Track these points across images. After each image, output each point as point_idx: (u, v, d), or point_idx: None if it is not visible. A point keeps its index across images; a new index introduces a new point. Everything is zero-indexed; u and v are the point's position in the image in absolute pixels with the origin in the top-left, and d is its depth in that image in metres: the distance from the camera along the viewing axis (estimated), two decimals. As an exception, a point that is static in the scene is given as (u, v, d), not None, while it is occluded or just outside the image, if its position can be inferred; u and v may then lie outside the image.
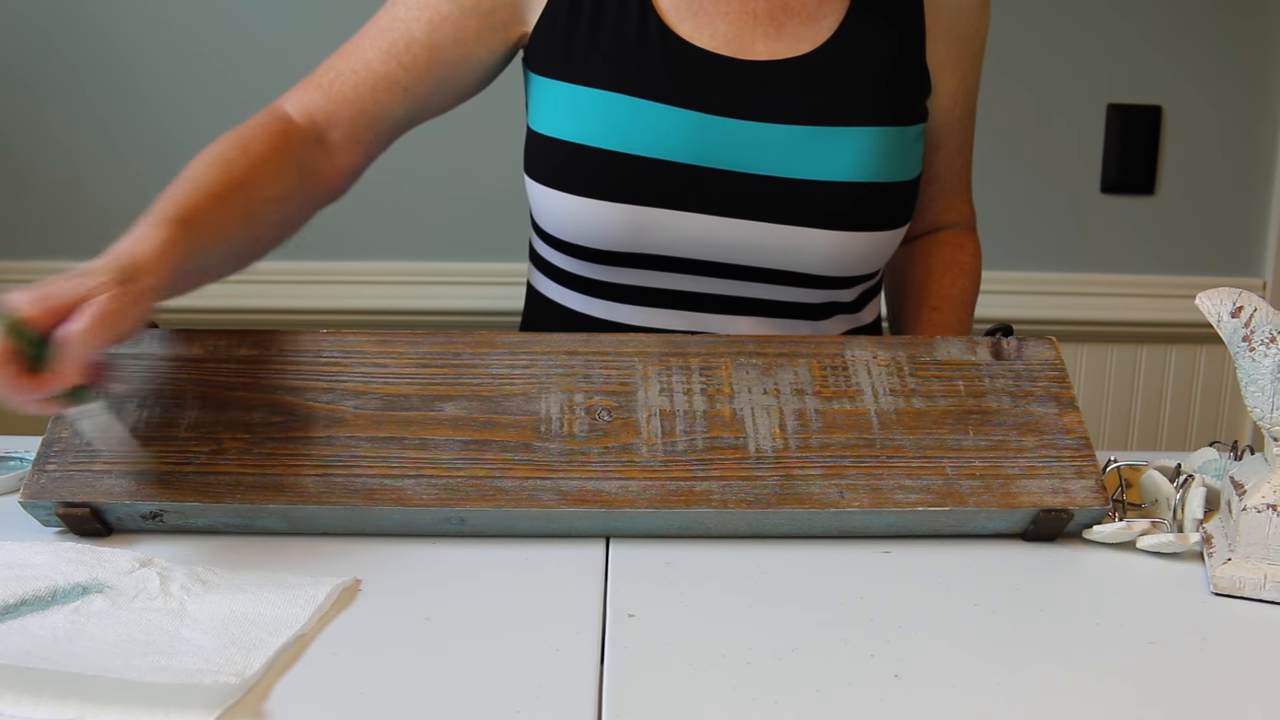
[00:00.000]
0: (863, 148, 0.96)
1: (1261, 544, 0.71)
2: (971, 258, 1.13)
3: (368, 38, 0.98)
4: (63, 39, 1.67)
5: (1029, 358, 0.84)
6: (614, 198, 0.94)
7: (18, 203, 1.70)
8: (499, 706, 0.56)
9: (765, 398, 0.80)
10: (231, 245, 0.85)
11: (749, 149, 0.95)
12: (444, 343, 0.82)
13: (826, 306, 1.02)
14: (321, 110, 0.96)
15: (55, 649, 0.59)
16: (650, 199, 0.94)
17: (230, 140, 0.89)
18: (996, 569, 0.74)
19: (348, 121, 0.96)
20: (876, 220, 0.97)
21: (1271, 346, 0.71)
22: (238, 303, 1.71)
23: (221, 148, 0.88)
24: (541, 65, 0.98)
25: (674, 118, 0.94)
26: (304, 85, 0.97)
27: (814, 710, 0.57)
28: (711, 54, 0.96)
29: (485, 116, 1.04)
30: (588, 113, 0.95)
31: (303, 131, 0.94)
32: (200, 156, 0.86)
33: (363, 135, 0.98)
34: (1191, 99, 1.76)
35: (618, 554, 0.75)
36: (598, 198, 0.94)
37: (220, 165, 0.85)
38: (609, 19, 0.96)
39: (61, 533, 0.76)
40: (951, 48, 1.03)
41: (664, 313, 1.00)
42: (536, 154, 0.98)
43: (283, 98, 0.97)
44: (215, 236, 0.82)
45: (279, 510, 0.74)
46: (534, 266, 1.08)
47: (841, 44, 0.97)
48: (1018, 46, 1.73)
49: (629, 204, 0.94)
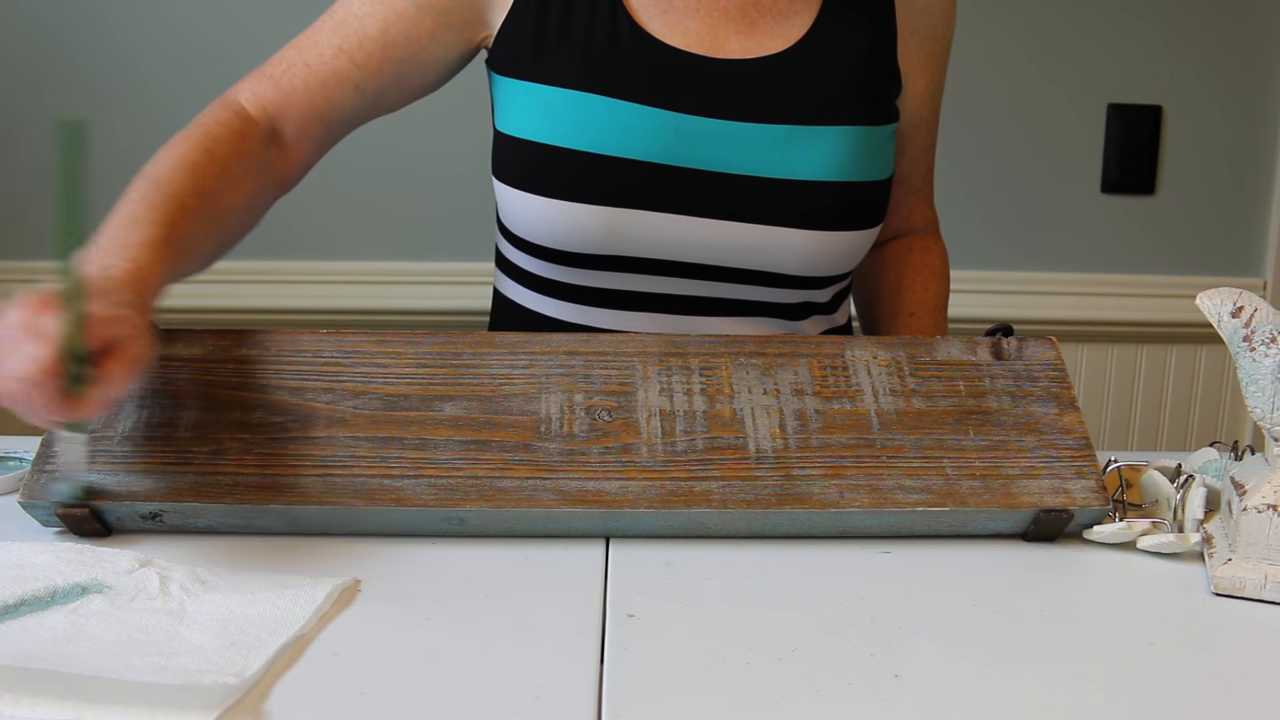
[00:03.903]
0: (837, 147, 0.95)
1: (1262, 544, 0.71)
2: (941, 261, 1.13)
3: (322, 31, 0.96)
4: (66, 37, 1.67)
5: (1029, 358, 0.84)
6: (586, 199, 0.93)
7: (18, 203, 1.70)
8: (499, 706, 0.56)
9: (765, 398, 0.80)
10: (198, 258, 0.85)
11: (722, 148, 0.94)
12: (444, 343, 0.82)
13: (802, 306, 1.02)
14: (273, 103, 0.95)
15: (54, 649, 0.59)
16: (622, 199, 0.93)
17: (195, 141, 0.87)
18: (996, 569, 0.74)
19: (298, 116, 0.95)
20: (851, 219, 0.97)
21: (1272, 346, 0.71)
22: (238, 303, 1.71)
23: (187, 149, 0.86)
24: (508, 67, 0.96)
25: (646, 117, 0.93)
26: (256, 75, 0.96)
27: (814, 710, 0.57)
28: (683, 52, 0.95)
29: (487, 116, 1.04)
30: (558, 113, 0.94)
31: (260, 129, 0.93)
32: (167, 155, 0.85)
33: (313, 130, 0.96)
34: (1191, 99, 1.76)
35: (618, 554, 0.75)
36: (569, 199, 0.93)
37: (189, 170, 0.84)
38: (578, 18, 0.95)
39: (61, 533, 0.76)
40: (920, 49, 1.03)
41: (637, 315, 0.99)
42: (505, 156, 0.97)
43: (236, 87, 0.96)
44: (189, 253, 0.82)
45: (279, 510, 0.74)
46: (501, 271, 1.07)
47: (814, 43, 0.97)
48: (1018, 46, 1.73)
49: (601, 205, 0.93)
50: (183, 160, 0.85)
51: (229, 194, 0.87)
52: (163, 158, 0.85)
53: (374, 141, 1.63)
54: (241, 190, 0.89)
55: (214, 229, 0.85)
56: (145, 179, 0.82)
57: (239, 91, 0.95)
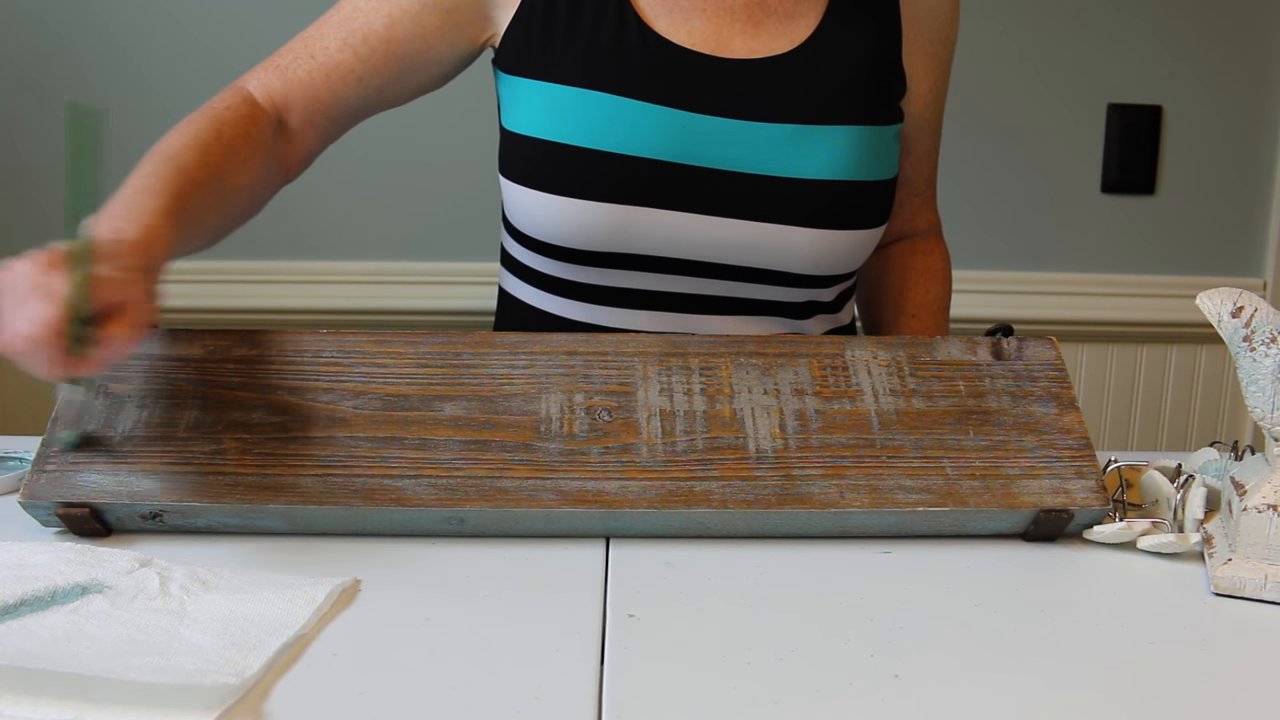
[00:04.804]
0: (842, 146, 0.96)
1: (1262, 544, 0.71)
2: (943, 263, 1.14)
3: (329, 24, 0.98)
4: (66, 36, 1.67)
5: (1029, 358, 0.84)
6: (592, 196, 0.94)
7: (19, 202, 1.70)
8: (499, 706, 0.56)
9: (765, 398, 0.80)
10: (205, 234, 0.87)
11: (728, 147, 0.95)
12: (444, 343, 0.82)
13: (807, 306, 1.02)
14: (279, 93, 0.97)
15: (55, 649, 0.59)
16: (628, 197, 0.94)
17: (205, 123, 0.89)
18: (996, 569, 0.74)
19: (303, 107, 0.97)
20: (856, 218, 0.98)
21: (1272, 346, 0.71)
22: (238, 303, 1.71)
23: (197, 129, 0.88)
24: (515, 66, 0.97)
25: (652, 115, 0.94)
26: (264, 66, 0.98)
27: (814, 710, 0.57)
28: (690, 51, 0.95)
29: (488, 116, 1.04)
30: (565, 111, 0.94)
31: (267, 116, 0.95)
32: (178, 135, 0.87)
33: (318, 121, 0.98)
34: (1191, 99, 1.76)
35: (618, 554, 0.75)
36: (575, 196, 0.94)
37: (199, 149, 0.86)
38: (586, 17, 0.96)
39: (61, 533, 0.76)
40: (924, 51, 1.04)
41: (642, 314, 0.99)
42: (512, 154, 0.98)
43: (245, 77, 0.98)
44: (197, 227, 0.83)
45: (279, 510, 0.74)
46: (506, 269, 1.08)
47: (820, 43, 0.97)
48: (1018, 46, 1.73)
49: (607, 202, 0.94)
50: (192, 139, 0.87)
51: (236, 174, 0.89)
52: (173, 137, 0.87)
53: (377, 142, 1.64)
54: (248, 172, 0.91)
55: (221, 206, 0.87)
56: (155, 155, 0.84)
57: (247, 80, 0.97)
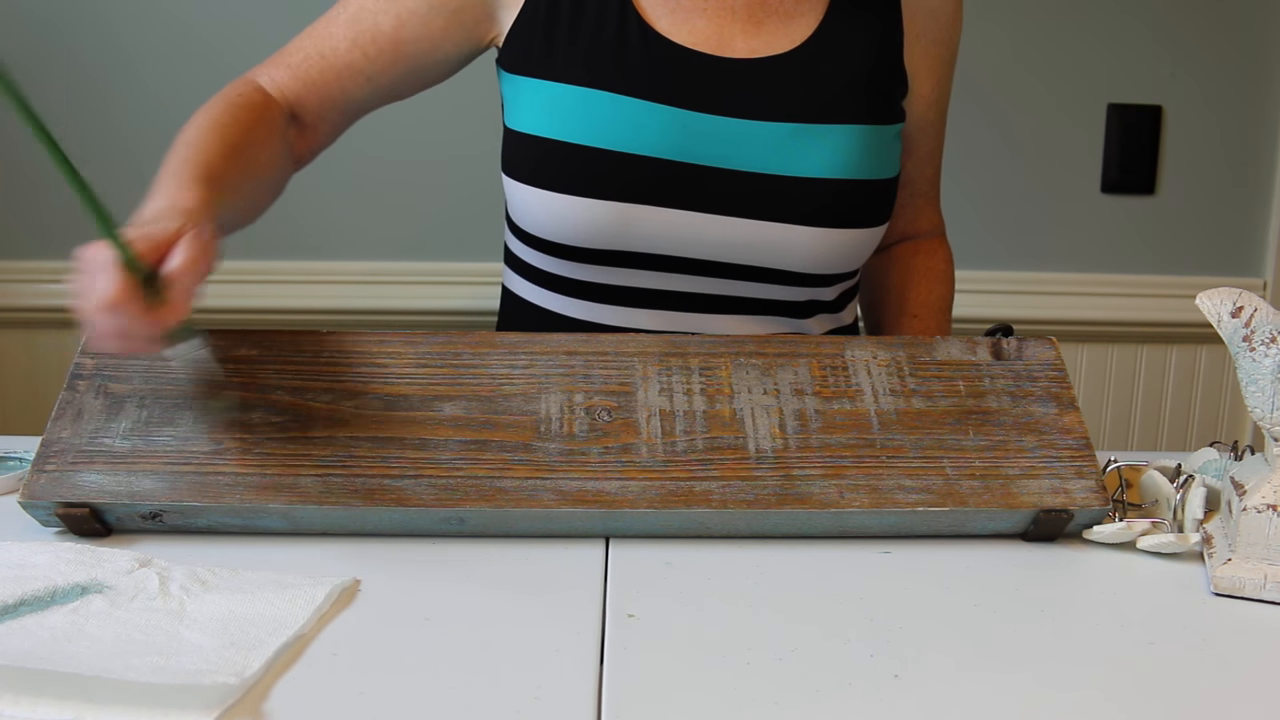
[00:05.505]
0: (843, 145, 0.96)
1: (1262, 544, 0.71)
2: (946, 264, 1.14)
3: (336, 23, 0.99)
4: (66, 35, 1.67)
5: (1029, 358, 0.84)
6: (594, 194, 0.94)
7: (19, 202, 1.70)
8: (499, 707, 0.56)
9: (765, 398, 0.80)
10: (243, 203, 0.88)
11: (729, 145, 0.95)
12: (444, 343, 0.82)
13: (808, 305, 1.03)
14: (290, 90, 0.98)
15: (54, 649, 0.59)
16: (630, 195, 0.94)
17: (219, 109, 0.91)
18: (996, 569, 0.74)
19: (314, 103, 0.99)
20: (857, 217, 0.98)
21: (1272, 346, 0.71)
22: (238, 303, 1.71)
23: (213, 114, 0.90)
24: (519, 65, 0.98)
25: (654, 114, 0.94)
26: (273, 63, 0.99)
27: (814, 710, 0.57)
28: (691, 51, 0.96)
29: (492, 116, 1.05)
30: (567, 110, 0.95)
31: (279, 106, 0.97)
32: (194, 123, 0.88)
33: (327, 116, 1.00)
34: (1191, 99, 1.76)
35: (617, 554, 0.75)
36: (578, 194, 0.94)
37: (217, 130, 0.87)
38: (588, 17, 0.96)
39: (61, 533, 0.76)
40: (926, 52, 1.04)
41: (644, 313, 1.00)
42: (515, 152, 0.98)
43: (254, 71, 0.99)
44: (233, 194, 0.84)
45: (279, 510, 0.74)
46: (509, 268, 1.08)
47: (821, 43, 0.98)
48: (1018, 46, 1.73)
49: (609, 200, 0.94)
50: (210, 123, 0.88)
51: (256, 150, 0.91)
52: (190, 127, 0.88)
53: (378, 141, 1.64)
54: (266, 149, 0.92)
55: (248, 176, 0.89)
56: (177, 145, 0.85)
57: (256, 74, 0.99)
